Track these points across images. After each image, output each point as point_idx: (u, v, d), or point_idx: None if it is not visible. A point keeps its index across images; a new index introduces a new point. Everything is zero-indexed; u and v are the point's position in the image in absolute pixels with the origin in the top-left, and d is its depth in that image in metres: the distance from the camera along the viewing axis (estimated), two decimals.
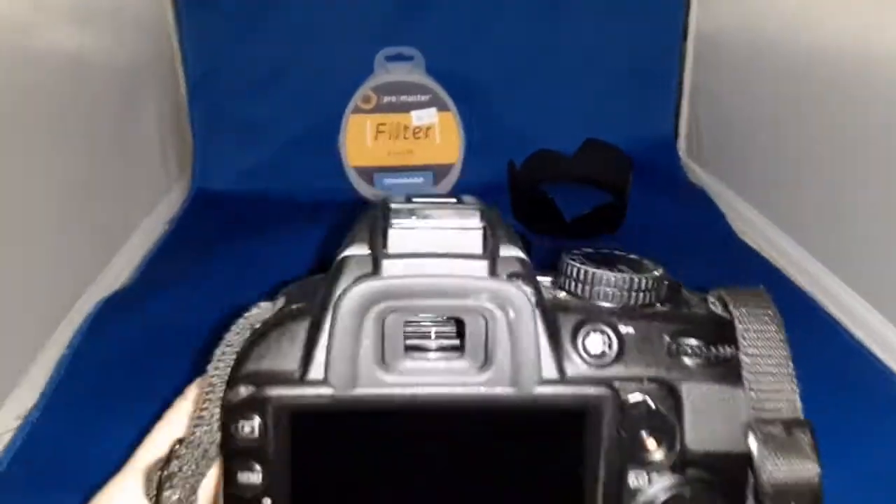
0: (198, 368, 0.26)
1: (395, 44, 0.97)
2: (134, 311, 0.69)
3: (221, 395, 0.25)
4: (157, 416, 0.30)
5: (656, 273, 0.26)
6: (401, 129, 0.97)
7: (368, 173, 0.97)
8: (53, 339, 0.64)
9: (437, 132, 0.97)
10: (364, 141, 0.97)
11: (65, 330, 0.66)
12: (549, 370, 0.24)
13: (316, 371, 0.24)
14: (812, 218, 0.75)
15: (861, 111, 0.67)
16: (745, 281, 0.28)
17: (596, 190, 0.92)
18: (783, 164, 0.80)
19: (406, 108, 0.96)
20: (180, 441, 0.27)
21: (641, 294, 0.26)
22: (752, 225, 0.85)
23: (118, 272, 0.77)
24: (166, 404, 0.29)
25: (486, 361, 0.24)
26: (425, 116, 0.97)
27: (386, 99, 0.96)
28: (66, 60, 0.71)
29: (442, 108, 0.96)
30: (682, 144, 1.04)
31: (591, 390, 0.24)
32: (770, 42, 0.83)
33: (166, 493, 0.26)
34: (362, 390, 0.24)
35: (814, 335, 0.65)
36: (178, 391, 0.29)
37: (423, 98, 0.96)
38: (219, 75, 0.98)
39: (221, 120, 0.98)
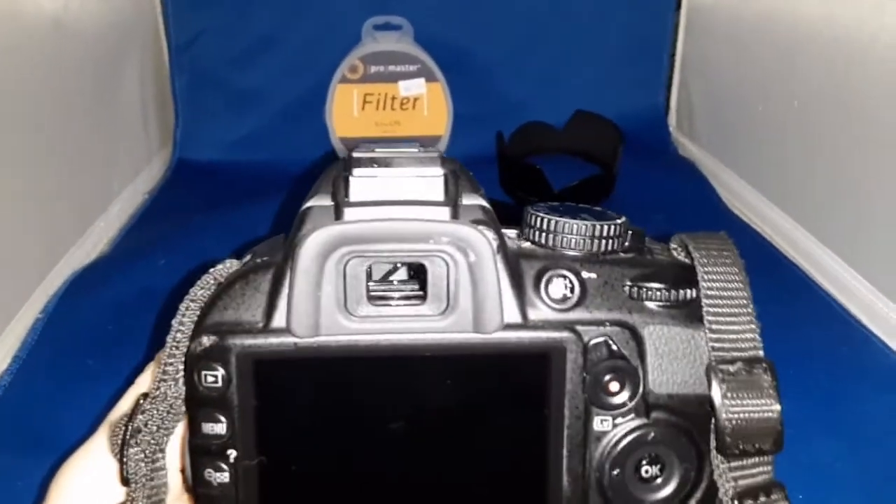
0: (167, 330, 0.26)
1: (384, 12, 0.95)
2: (111, 279, 0.68)
3: (186, 349, 0.25)
4: (130, 383, 0.29)
5: (618, 221, 0.26)
6: (388, 100, 0.95)
7: (354, 144, 0.95)
8: (28, 305, 0.62)
9: (424, 103, 0.95)
10: (351, 111, 0.95)
11: (40, 296, 0.64)
12: (512, 314, 0.24)
13: (278, 319, 0.24)
14: (804, 191, 0.74)
15: (854, 84, 0.66)
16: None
17: (585, 162, 0.91)
18: (774, 138, 0.80)
19: (394, 78, 0.95)
20: (145, 395, 0.26)
21: (604, 241, 0.26)
22: (743, 199, 0.84)
23: (96, 240, 0.76)
24: (140, 372, 0.28)
25: (449, 307, 0.24)
26: (413, 87, 0.95)
27: (373, 69, 0.95)
28: (45, 23, 0.70)
29: (430, 78, 0.95)
30: (672, 119, 1.02)
31: (553, 334, 0.24)
32: (763, 14, 0.82)
33: (131, 451, 0.25)
34: (325, 338, 0.24)
35: (805, 308, 0.65)
36: (152, 359, 0.28)
37: (412, 68, 0.95)
38: (203, 42, 0.96)
39: (205, 88, 0.96)
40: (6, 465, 0.47)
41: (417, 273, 0.25)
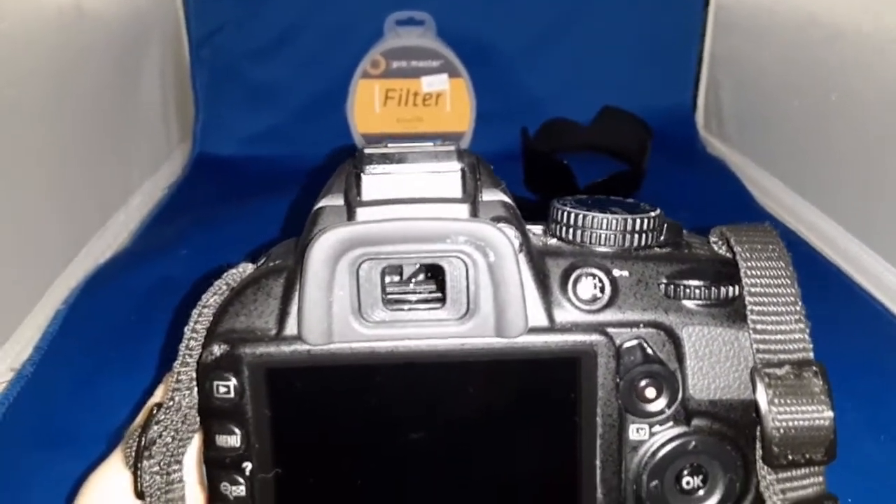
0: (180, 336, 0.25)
1: (407, 7, 0.94)
2: (133, 270, 0.67)
3: (199, 357, 0.24)
4: (152, 374, 0.28)
5: (653, 214, 0.25)
6: (410, 96, 0.94)
7: (376, 140, 0.94)
8: (48, 295, 0.62)
9: (447, 99, 0.94)
10: (372, 107, 0.94)
11: (60, 287, 0.64)
12: (537, 317, 0.23)
13: (291, 327, 0.23)
14: (843, 188, 0.72)
15: (884, 78, 0.64)
16: None
17: (612, 159, 0.89)
18: (810, 134, 0.78)
19: (416, 73, 0.93)
20: (158, 406, 0.25)
21: (637, 236, 0.24)
22: (776, 197, 0.82)
23: (116, 233, 0.75)
24: (161, 365, 0.27)
25: (469, 310, 0.23)
26: (436, 83, 0.94)
27: (395, 64, 0.93)
28: (67, 16, 0.69)
29: (453, 74, 0.93)
30: (699, 117, 1.01)
31: (582, 337, 0.23)
32: (792, 11, 0.80)
33: (145, 463, 0.24)
34: (339, 345, 0.23)
35: (846, 310, 0.63)
36: (172, 352, 0.27)
37: (434, 64, 0.93)
38: (223, 36, 0.95)
39: (225, 82, 0.95)
40: (28, 458, 0.46)
41: (436, 275, 0.23)
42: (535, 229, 0.25)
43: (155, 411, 0.25)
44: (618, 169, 0.84)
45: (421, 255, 0.22)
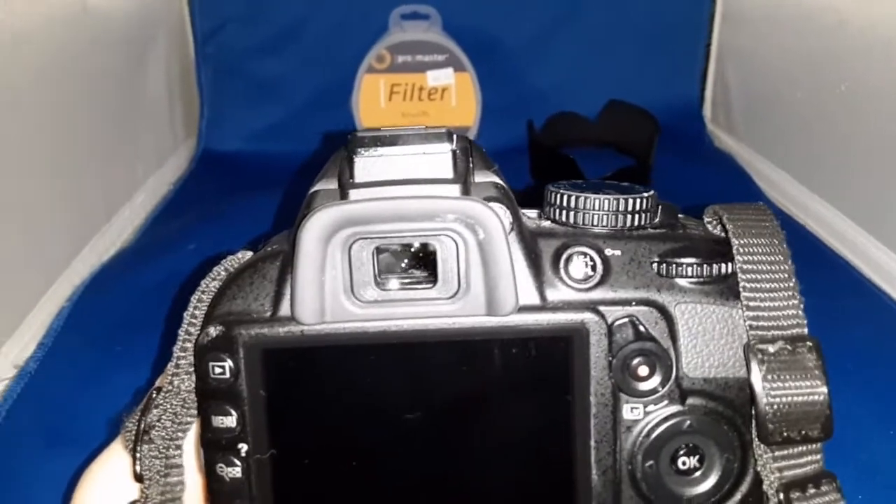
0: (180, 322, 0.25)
1: (411, 1, 0.94)
2: (138, 264, 0.67)
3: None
4: (155, 373, 0.28)
5: (646, 194, 0.25)
6: (415, 90, 0.94)
7: None
8: (53, 291, 0.62)
9: (453, 93, 0.94)
10: (377, 102, 0.94)
11: (64, 284, 0.64)
12: (529, 296, 0.23)
13: (285, 308, 0.23)
14: (852, 181, 0.72)
15: (894, 68, 0.63)
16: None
17: (619, 153, 0.89)
18: (818, 126, 0.77)
19: (421, 68, 0.93)
20: (158, 390, 0.25)
21: (630, 216, 0.24)
22: (784, 191, 0.82)
23: (121, 229, 0.75)
24: (164, 361, 0.27)
25: (460, 289, 0.23)
26: (441, 77, 0.93)
27: (401, 58, 0.93)
28: (72, 12, 0.69)
29: (459, 68, 0.93)
30: (707, 110, 1.00)
31: (573, 315, 0.23)
32: (799, 1, 0.79)
33: (144, 447, 0.24)
34: (331, 325, 0.23)
35: (857, 305, 0.62)
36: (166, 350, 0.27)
37: (440, 58, 0.93)
38: (228, 32, 0.95)
39: (230, 78, 0.95)
40: (31, 455, 0.46)
41: (427, 254, 0.24)
42: (530, 213, 0.25)
43: (154, 395, 0.25)
44: (624, 163, 0.83)
45: (411, 234, 0.22)
